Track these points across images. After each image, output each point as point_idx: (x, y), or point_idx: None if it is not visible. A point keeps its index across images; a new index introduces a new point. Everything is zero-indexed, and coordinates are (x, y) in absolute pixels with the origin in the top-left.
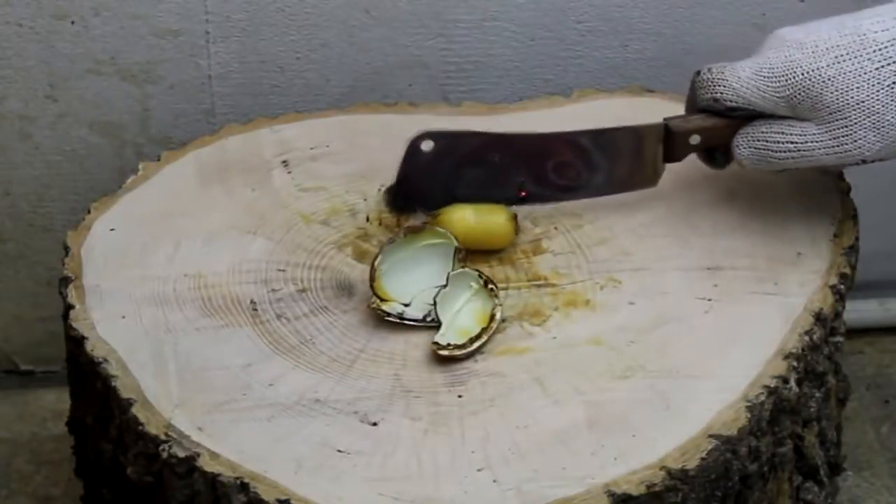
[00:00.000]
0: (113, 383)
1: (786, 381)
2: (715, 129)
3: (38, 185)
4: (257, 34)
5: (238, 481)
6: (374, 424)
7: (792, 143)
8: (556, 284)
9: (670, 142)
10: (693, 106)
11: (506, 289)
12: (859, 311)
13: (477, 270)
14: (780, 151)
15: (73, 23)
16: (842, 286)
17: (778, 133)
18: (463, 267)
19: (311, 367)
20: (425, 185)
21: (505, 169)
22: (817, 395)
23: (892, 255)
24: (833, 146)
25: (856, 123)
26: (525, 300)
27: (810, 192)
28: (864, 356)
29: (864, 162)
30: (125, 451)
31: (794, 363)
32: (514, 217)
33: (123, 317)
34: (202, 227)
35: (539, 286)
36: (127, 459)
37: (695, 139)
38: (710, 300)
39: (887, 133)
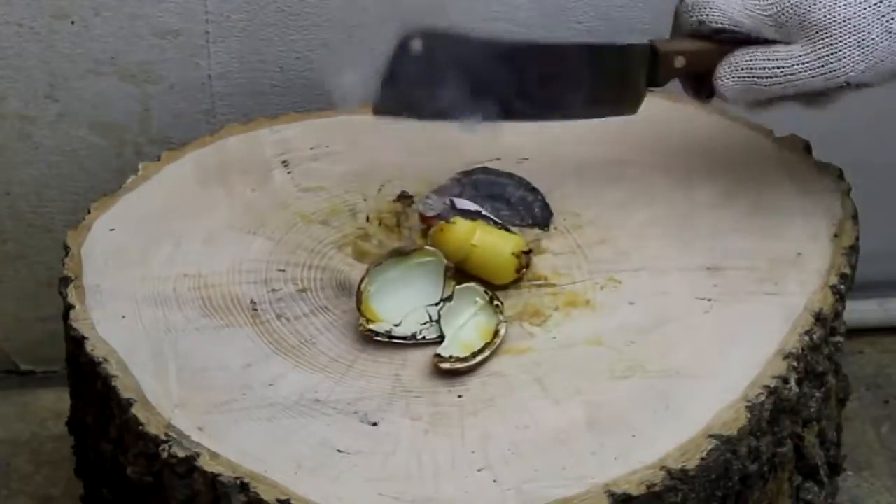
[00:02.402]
0: (113, 383)
1: (786, 381)
2: (700, 53)
3: (38, 185)
4: (257, 34)
5: (238, 481)
6: (374, 424)
7: (778, 66)
8: (556, 284)
9: (655, 63)
10: (675, 31)
11: (506, 289)
12: (859, 311)
13: (483, 286)
14: (765, 77)
15: (73, 23)
16: (842, 286)
17: (763, 59)
18: (455, 284)
19: (311, 367)
20: (411, 88)
21: (490, 76)
22: (817, 395)
23: (892, 255)
24: (818, 66)
25: (840, 41)
26: (525, 300)
27: (810, 192)
28: (864, 356)
29: (848, 85)
30: (125, 451)
31: (794, 363)
32: (524, 253)
33: (123, 317)
34: (202, 227)
35: (539, 286)
36: (127, 459)
37: (679, 62)
38: (710, 300)
39: (871, 52)
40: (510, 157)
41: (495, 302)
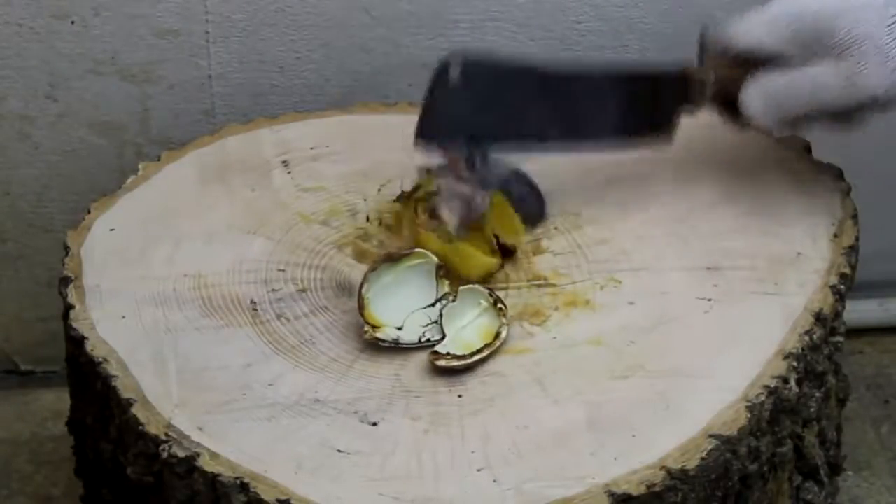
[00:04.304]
0: (113, 383)
1: (786, 381)
2: (730, 77)
3: (38, 185)
4: (257, 34)
5: (238, 481)
6: (374, 424)
7: (803, 86)
8: (556, 284)
9: (686, 89)
10: (702, 57)
11: (506, 289)
12: (859, 311)
13: (488, 289)
14: (792, 97)
15: (73, 23)
16: (842, 286)
17: (788, 79)
18: (449, 284)
19: (311, 367)
20: (450, 115)
21: (526, 103)
22: (817, 395)
23: (892, 255)
24: (844, 85)
25: (864, 59)
26: (525, 300)
27: (810, 192)
28: (864, 356)
29: (876, 102)
30: (125, 451)
31: (794, 363)
32: (497, 250)
33: (123, 317)
34: (202, 227)
35: (539, 286)
36: (127, 459)
37: (710, 88)
38: (710, 300)
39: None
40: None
41: (499, 305)
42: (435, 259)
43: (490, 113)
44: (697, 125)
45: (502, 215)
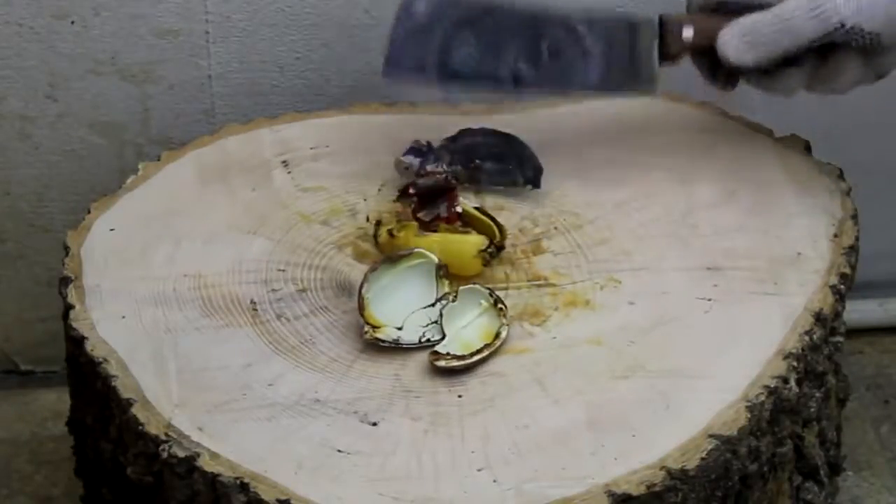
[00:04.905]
0: (113, 383)
1: (786, 381)
2: (709, 24)
3: (38, 185)
4: (257, 34)
5: (238, 481)
6: (374, 424)
7: (776, 20)
8: (556, 284)
9: (664, 37)
10: (687, 9)
11: (506, 289)
12: (859, 311)
13: (488, 289)
14: (766, 32)
15: (73, 23)
16: (842, 286)
17: (762, 16)
18: (450, 284)
19: (311, 367)
20: (418, 52)
21: (499, 42)
22: (817, 395)
23: (892, 255)
24: (810, 10)
25: None
26: (525, 300)
27: (810, 192)
28: (864, 356)
29: (843, 27)
30: (125, 451)
31: (794, 363)
32: (487, 248)
33: (123, 317)
34: (202, 227)
35: (539, 286)
36: (127, 459)
37: (688, 32)
38: (710, 300)
39: None
40: None
41: (499, 305)
42: (435, 259)
43: (460, 49)
44: (697, 125)
45: (474, 218)
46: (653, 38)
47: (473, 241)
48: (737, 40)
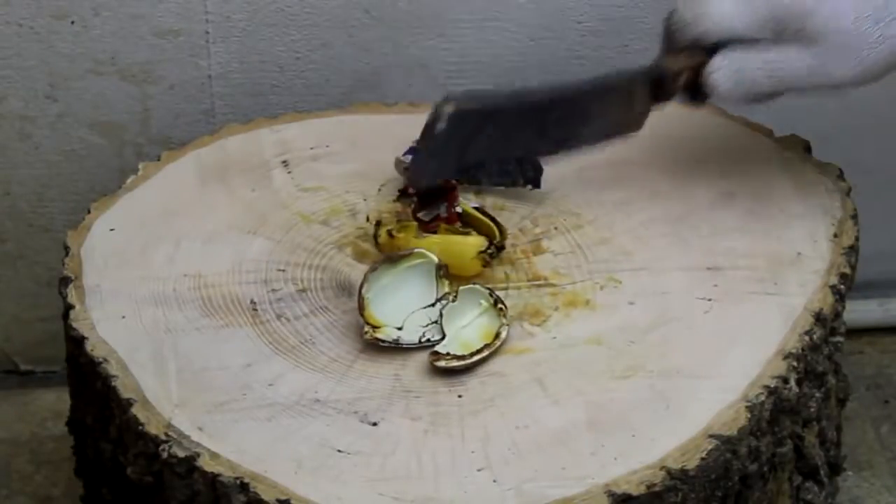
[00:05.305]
0: (113, 383)
1: (786, 381)
2: (694, 62)
3: (38, 185)
4: (257, 34)
5: (238, 481)
6: (374, 424)
7: (771, 66)
8: (556, 284)
9: (660, 84)
10: (671, 47)
11: (506, 289)
12: (859, 311)
13: (488, 289)
14: (758, 76)
15: (73, 23)
16: (842, 286)
17: (756, 58)
18: (450, 284)
19: (311, 367)
20: (442, 152)
21: (508, 145)
22: (817, 395)
23: (892, 255)
24: (813, 70)
25: (837, 50)
26: (525, 300)
27: (810, 192)
28: (864, 356)
29: (840, 89)
30: (125, 451)
31: (794, 363)
32: (487, 249)
33: (123, 317)
34: (202, 227)
35: (539, 286)
36: (127, 459)
37: (682, 80)
38: (710, 300)
39: (866, 60)
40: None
41: (499, 305)
42: (435, 259)
43: (477, 146)
44: (697, 125)
45: (474, 219)
46: (646, 87)
47: (473, 242)
48: (727, 78)
